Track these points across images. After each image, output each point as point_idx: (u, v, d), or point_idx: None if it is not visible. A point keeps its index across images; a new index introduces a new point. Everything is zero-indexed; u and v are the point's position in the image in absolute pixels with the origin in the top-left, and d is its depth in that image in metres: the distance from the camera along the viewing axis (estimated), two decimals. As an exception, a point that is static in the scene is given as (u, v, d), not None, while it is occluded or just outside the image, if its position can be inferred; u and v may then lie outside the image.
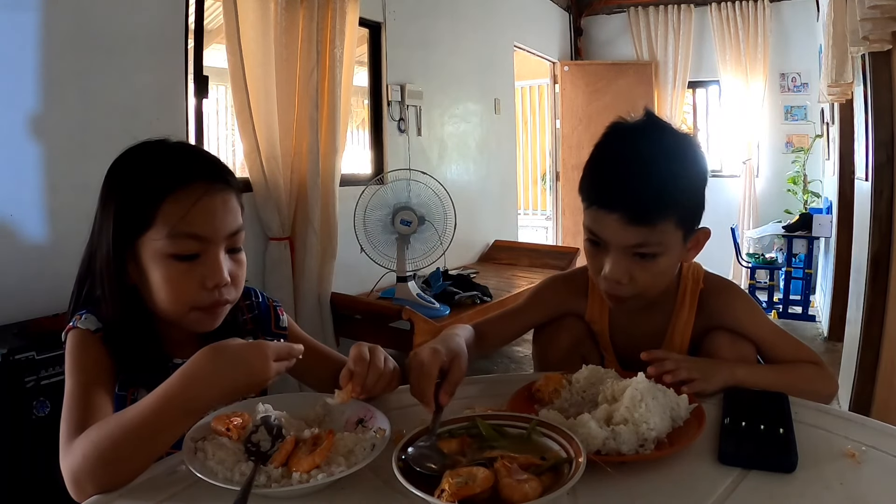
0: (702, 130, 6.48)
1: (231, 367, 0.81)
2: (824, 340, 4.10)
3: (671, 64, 6.08)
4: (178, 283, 0.93)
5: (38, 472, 1.65)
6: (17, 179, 2.14)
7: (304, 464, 0.76)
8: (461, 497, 0.66)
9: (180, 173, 0.94)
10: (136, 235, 0.93)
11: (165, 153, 0.98)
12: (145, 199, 0.92)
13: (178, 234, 0.91)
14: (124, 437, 0.78)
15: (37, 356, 1.78)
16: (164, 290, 0.93)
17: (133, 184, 0.94)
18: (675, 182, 1.00)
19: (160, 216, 0.91)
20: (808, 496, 0.73)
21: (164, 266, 0.92)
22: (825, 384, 1.08)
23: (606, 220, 1.01)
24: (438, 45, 4.41)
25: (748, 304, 1.17)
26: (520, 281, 4.13)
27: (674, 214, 1.00)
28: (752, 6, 5.69)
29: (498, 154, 5.18)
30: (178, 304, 0.94)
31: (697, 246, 1.10)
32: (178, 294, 0.93)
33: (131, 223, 0.93)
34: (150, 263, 0.93)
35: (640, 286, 1.04)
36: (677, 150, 1.04)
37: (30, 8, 2.15)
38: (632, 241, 1.00)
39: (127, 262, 0.95)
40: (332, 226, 3.24)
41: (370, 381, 0.92)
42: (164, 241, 0.91)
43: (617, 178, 1.02)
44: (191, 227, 0.92)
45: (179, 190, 0.92)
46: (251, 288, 1.14)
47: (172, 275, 0.92)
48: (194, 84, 2.81)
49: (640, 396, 0.85)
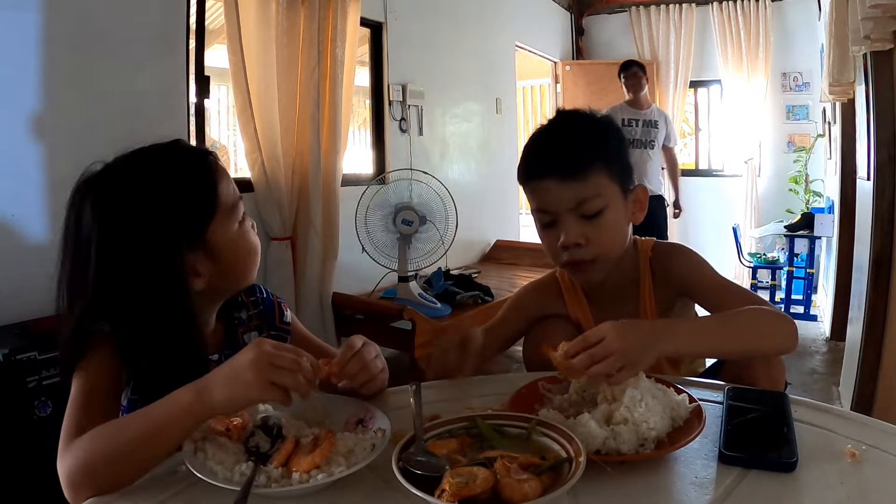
0: (703, 130, 6.47)
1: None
2: (826, 340, 4.09)
3: (673, 63, 6.07)
4: (251, 241, 1.04)
5: (39, 472, 1.65)
6: (18, 179, 2.15)
7: (304, 464, 0.77)
8: (461, 497, 0.66)
9: (203, 160, 1.00)
10: (205, 228, 0.96)
11: (171, 151, 0.99)
12: (203, 192, 0.96)
13: (230, 206, 1.00)
14: (129, 429, 0.79)
15: (38, 356, 1.79)
16: (244, 253, 1.02)
17: (182, 183, 0.95)
18: (593, 138, 1.12)
19: (219, 199, 0.98)
20: (808, 496, 0.73)
21: (237, 235, 1.00)
22: (780, 322, 1.02)
23: (543, 187, 1.10)
24: (440, 45, 4.40)
25: (691, 259, 1.19)
26: (521, 281, 4.12)
27: (601, 165, 1.09)
28: (754, 5, 5.68)
29: (499, 154, 5.18)
30: (252, 258, 1.04)
31: (641, 206, 1.18)
32: (252, 250, 1.04)
33: (197, 220, 0.95)
34: (226, 243, 0.98)
35: (597, 246, 1.10)
36: (590, 118, 1.17)
37: (31, 8, 2.15)
38: (573, 199, 1.08)
39: (195, 264, 0.95)
40: (334, 226, 3.24)
41: (351, 367, 0.92)
42: (227, 219, 0.99)
43: (542, 150, 1.14)
44: (232, 197, 1.01)
45: (210, 172, 0.99)
46: (256, 284, 1.15)
47: (247, 237, 1.03)
48: (196, 84, 2.82)
49: (640, 396, 0.85)
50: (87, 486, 0.78)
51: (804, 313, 4.75)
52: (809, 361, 3.72)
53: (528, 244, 5.01)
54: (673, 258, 1.19)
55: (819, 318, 4.65)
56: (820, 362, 3.72)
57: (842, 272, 3.74)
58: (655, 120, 4.66)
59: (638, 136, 4.60)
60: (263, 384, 0.77)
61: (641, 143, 4.60)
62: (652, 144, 4.63)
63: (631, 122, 4.59)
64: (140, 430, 0.79)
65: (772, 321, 1.02)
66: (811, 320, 4.64)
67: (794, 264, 4.89)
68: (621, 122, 4.25)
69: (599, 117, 1.18)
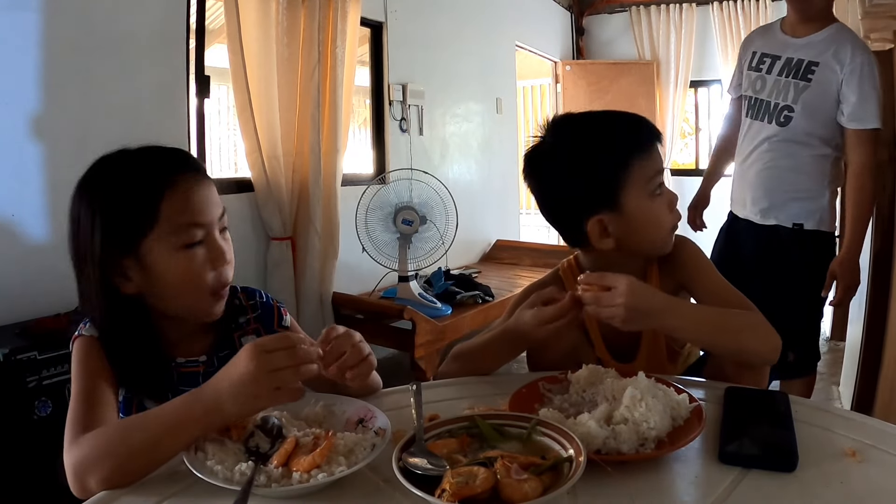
0: (704, 130, 6.47)
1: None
2: (826, 340, 4.09)
3: (673, 63, 6.07)
4: (193, 271, 0.96)
5: (39, 471, 1.65)
6: (18, 179, 2.15)
7: (304, 464, 0.77)
8: (461, 497, 0.66)
9: (167, 171, 0.97)
10: (139, 239, 0.94)
11: (142, 157, 0.99)
12: (143, 201, 0.93)
13: (182, 225, 0.95)
14: (140, 430, 0.80)
15: (38, 356, 1.79)
16: (180, 281, 0.96)
17: (123, 191, 0.94)
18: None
19: (161, 214, 0.93)
20: (809, 496, 0.73)
21: (176, 259, 0.95)
22: (769, 334, 1.05)
23: (652, 155, 1.11)
24: (440, 45, 4.41)
25: (694, 252, 1.20)
26: (522, 280, 4.12)
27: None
28: (754, 5, 5.67)
29: (500, 153, 5.18)
30: (196, 292, 0.97)
31: None
32: (194, 281, 0.97)
33: (131, 228, 0.93)
34: (160, 262, 0.94)
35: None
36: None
37: (31, 8, 2.15)
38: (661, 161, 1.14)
39: (127, 270, 0.95)
40: (334, 225, 3.24)
41: (341, 344, 0.91)
42: (170, 236, 0.94)
43: (636, 121, 1.14)
44: (191, 217, 0.96)
45: (172, 186, 0.95)
46: (256, 289, 1.16)
47: (186, 265, 0.96)
48: (196, 84, 2.82)
49: (640, 396, 0.85)
50: (94, 480, 0.79)
51: (804, 313, 4.73)
52: (810, 361, 3.72)
53: (528, 244, 5.02)
54: (677, 248, 1.20)
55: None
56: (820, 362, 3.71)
57: (842, 272, 3.73)
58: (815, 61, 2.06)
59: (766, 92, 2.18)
60: (269, 393, 0.79)
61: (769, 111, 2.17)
62: (788, 117, 2.10)
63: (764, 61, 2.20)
64: (150, 433, 0.80)
65: (763, 330, 1.06)
66: (811, 320, 4.62)
67: (795, 264, 4.88)
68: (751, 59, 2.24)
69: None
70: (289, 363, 0.79)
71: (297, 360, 0.80)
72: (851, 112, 1.98)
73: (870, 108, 1.97)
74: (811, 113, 2.05)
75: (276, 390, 0.79)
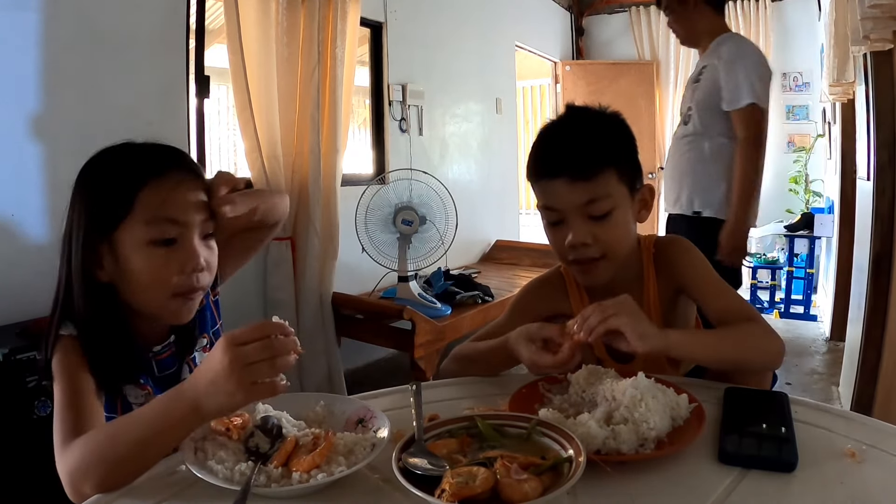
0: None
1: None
2: (826, 340, 4.10)
3: (673, 63, 6.07)
4: (159, 269, 0.95)
5: (39, 471, 1.65)
6: (18, 179, 2.15)
7: (304, 464, 0.77)
8: (461, 497, 0.66)
9: (155, 163, 0.97)
10: (114, 225, 0.94)
11: (136, 149, 1.00)
12: (122, 187, 0.94)
13: (157, 218, 0.94)
14: (127, 434, 0.79)
15: (38, 356, 1.78)
16: (145, 277, 0.95)
17: (108, 176, 0.96)
18: (605, 139, 1.12)
19: (139, 202, 0.94)
20: (808, 496, 0.73)
21: (145, 253, 0.94)
22: (769, 340, 1.06)
23: (554, 186, 1.10)
24: (440, 45, 4.41)
25: (690, 252, 1.21)
26: (521, 281, 4.12)
27: (612, 166, 1.10)
28: (754, 5, 5.68)
29: (499, 154, 5.18)
30: (159, 291, 0.96)
31: (647, 204, 1.19)
32: (159, 280, 0.95)
33: (108, 213, 0.94)
34: (129, 253, 0.94)
35: (604, 245, 1.11)
36: (602, 117, 1.17)
37: (31, 8, 2.15)
38: (582, 199, 1.09)
39: (102, 257, 0.95)
40: (334, 225, 3.24)
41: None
42: (143, 228, 0.94)
43: (553, 149, 1.14)
44: (168, 212, 0.95)
45: (156, 178, 0.95)
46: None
47: (153, 261, 0.94)
48: (195, 84, 2.82)
49: (640, 396, 0.85)
50: (88, 486, 0.79)
51: (804, 313, 4.75)
52: (809, 361, 3.72)
53: (528, 244, 5.01)
54: (674, 249, 1.20)
55: (819, 319, 4.65)
56: (820, 362, 3.72)
57: (842, 272, 3.74)
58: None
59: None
60: (246, 389, 0.75)
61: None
62: (688, 116, 2.46)
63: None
64: (137, 436, 0.79)
65: (765, 340, 1.05)
66: (811, 320, 4.64)
67: (794, 264, 4.89)
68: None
69: (610, 114, 1.18)
70: (263, 356, 0.75)
71: (273, 352, 0.75)
72: (726, 96, 2.29)
73: (742, 88, 2.24)
74: (704, 107, 2.37)
75: (253, 385, 0.75)
